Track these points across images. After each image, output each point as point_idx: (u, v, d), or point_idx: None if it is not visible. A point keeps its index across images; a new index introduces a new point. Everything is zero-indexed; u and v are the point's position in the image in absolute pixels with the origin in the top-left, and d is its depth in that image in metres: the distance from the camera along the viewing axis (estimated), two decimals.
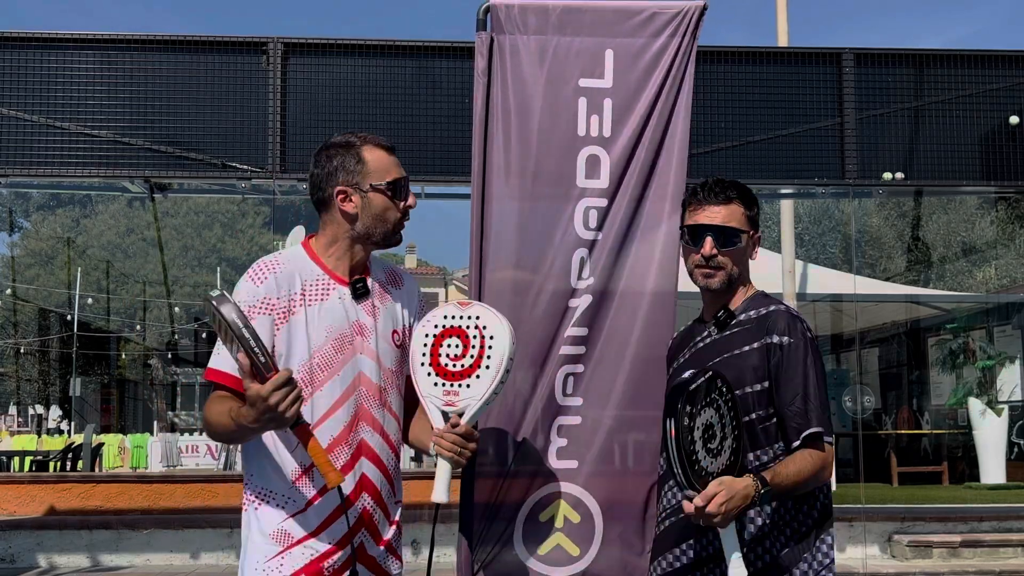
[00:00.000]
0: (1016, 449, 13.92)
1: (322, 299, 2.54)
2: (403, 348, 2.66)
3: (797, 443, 2.52)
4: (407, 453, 14.20)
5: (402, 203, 2.61)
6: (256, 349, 2.28)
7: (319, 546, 2.46)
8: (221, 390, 2.47)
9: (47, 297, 38.31)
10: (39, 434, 23.82)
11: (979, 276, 25.86)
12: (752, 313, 2.71)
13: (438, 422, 2.54)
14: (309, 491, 2.47)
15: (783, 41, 10.65)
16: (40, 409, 33.77)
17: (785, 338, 2.59)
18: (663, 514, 2.73)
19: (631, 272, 3.25)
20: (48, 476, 11.30)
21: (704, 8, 3.35)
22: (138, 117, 6.87)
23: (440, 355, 2.56)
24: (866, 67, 7.19)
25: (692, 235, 2.77)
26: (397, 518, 2.64)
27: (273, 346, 2.46)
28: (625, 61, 3.32)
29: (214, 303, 2.30)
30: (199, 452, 18.77)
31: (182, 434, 20.98)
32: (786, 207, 11.33)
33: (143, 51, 6.91)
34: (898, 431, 15.19)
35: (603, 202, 3.24)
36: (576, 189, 3.26)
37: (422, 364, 2.57)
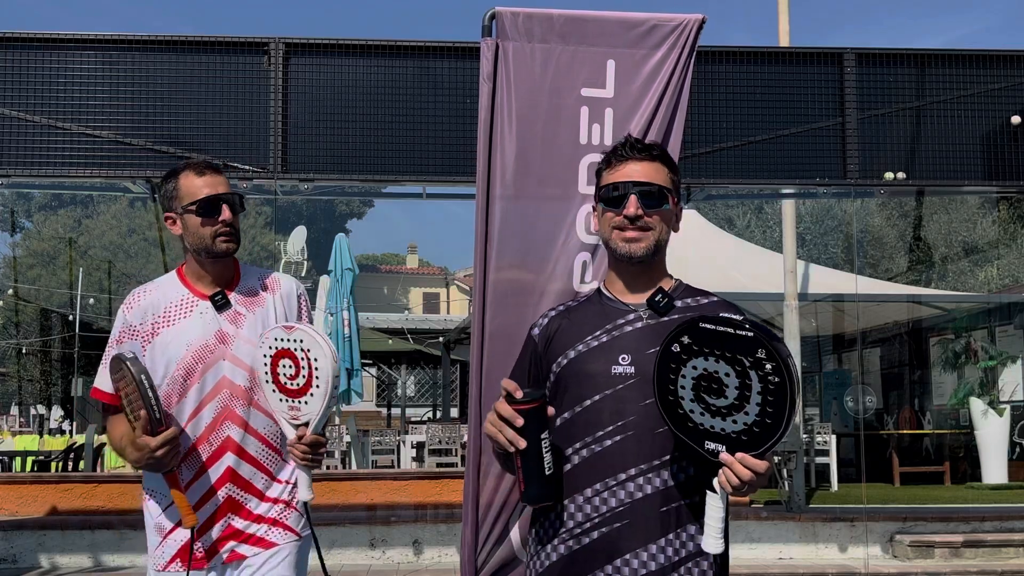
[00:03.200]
0: (1018, 449, 13.92)
1: (184, 316, 2.86)
2: None
3: None
4: (408, 454, 14.27)
5: (215, 218, 2.85)
6: (155, 406, 2.60)
7: (186, 533, 2.79)
8: (110, 409, 2.85)
9: (49, 297, 38.32)
10: (41, 434, 23.79)
11: (981, 276, 25.84)
12: (690, 301, 2.38)
13: (289, 433, 2.76)
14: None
15: (785, 41, 10.64)
16: (42, 409, 33.77)
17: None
18: (586, 523, 2.25)
19: None
20: (50, 476, 11.28)
21: (703, 21, 3.39)
22: (139, 117, 6.87)
23: (279, 374, 2.73)
24: (867, 67, 7.18)
25: (611, 195, 2.33)
26: (277, 495, 2.90)
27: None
28: (626, 71, 3.34)
29: (127, 363, 2.61)
30: None
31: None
32: (788, 207, 11.32)
33: (144, 51, 6.90)
34: (900, 431, 15.19)
35: None
36: (578, 196, 3.29)
37: (267, 382, 2.76)
